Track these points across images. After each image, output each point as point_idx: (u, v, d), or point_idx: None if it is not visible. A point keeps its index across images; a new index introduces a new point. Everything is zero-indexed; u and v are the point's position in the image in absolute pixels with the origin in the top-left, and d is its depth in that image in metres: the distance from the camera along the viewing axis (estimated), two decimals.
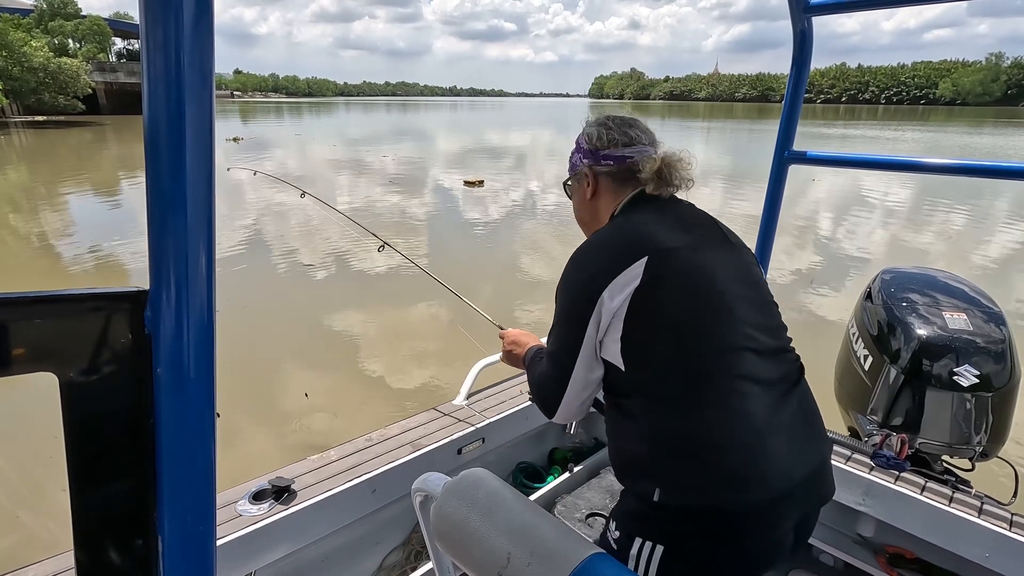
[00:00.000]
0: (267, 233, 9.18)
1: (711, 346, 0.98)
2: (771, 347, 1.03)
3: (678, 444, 0.95)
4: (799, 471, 0.96)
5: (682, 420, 0.96)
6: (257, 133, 31.86)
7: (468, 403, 2.12)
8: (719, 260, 1.05)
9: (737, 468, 0.93)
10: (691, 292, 0.99)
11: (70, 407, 0.39)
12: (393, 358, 4.93)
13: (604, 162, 1.17)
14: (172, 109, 0.37)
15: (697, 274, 1.01)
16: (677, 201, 1.16)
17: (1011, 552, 1.49)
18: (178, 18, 0.36)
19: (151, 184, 0.38)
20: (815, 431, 1.04)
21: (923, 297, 2.11)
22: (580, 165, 1.21)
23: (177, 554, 0.44)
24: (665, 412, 0.97)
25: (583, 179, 1.21)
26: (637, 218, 1.10)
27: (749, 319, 1.02)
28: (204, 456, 0.44)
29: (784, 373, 1.03)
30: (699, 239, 1.07)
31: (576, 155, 1.23)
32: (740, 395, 0.95)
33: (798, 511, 0.99)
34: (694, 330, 0.98)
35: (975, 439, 1.86)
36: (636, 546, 0.98)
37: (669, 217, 1.10)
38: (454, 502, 0.93)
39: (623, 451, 1.05)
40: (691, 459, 0.94)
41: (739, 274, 1.07)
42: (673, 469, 0.95)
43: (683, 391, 0.96)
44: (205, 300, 0.41)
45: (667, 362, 0.97)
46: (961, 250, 8.55)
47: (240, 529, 1.45)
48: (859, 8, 1.58)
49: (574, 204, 1.28)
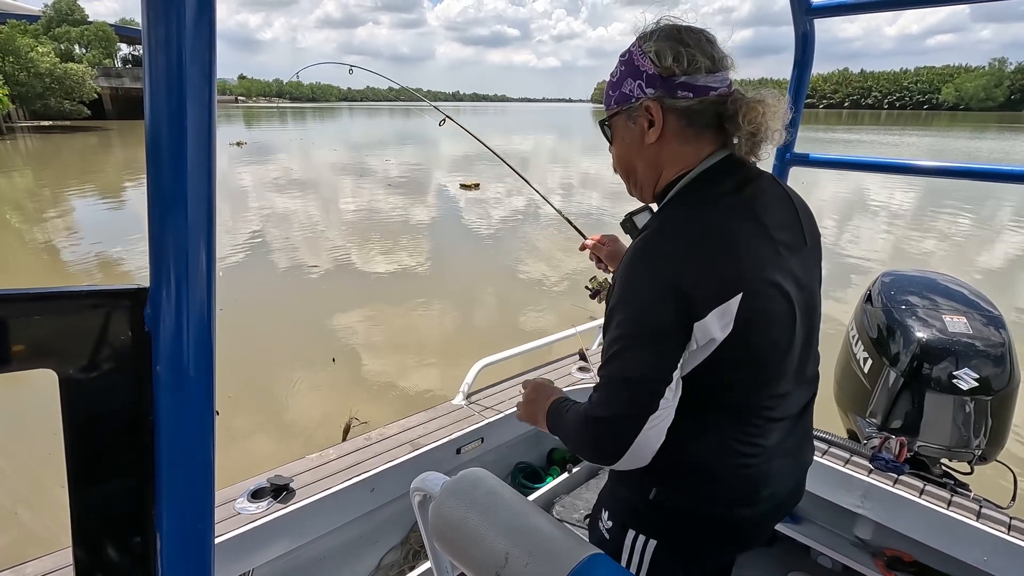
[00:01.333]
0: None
1: (766, 388, 0.87)
2: (807, 376, 0.95)
3: (690, 461, 0.90)
4: (790, 483, 0.98)
5: (700, 444, 0.88)
6: (260, 138, 31.91)
7: (467, 403, 2.12)
8: (798, 283, 0.87)
9: (739, 487, 0.90)
10: (763, 335, 0.84)
11: (69, 404, 0.39)
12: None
13: (681, 93, 0.86)
14: (173, 108, 0.37)
15: (778, 313, 0.84)
16: (759, 176, 0.91)
17: (1009, 555, 1.49)
18: (180, 17, 0.36)
19: (152, 182, 0.38)
20: (807, 440, 1.03)
21: (923, 300, 2.11)
22: (638, 95, 0.89)
23: (175, 551, 0.44)
24: (686, 432, 0.86)
25: (639, 115, 0.89)
26: (723, 212, 0.85)
27: (800, 352, 0.91)
28: (203, 454, 0.44)
29: (807, 398, 0.98)
30: (786, 251, 0.87)
31: (628, 81, 0.90)
32: (769, 433, 0.89)
33: (782, 513, 1.02)
34: (755, 372, 0.86)
35: (974, 442, 1.86)
36: (629, 538, 0.97)
37: (757, 211, 0.86)
38: (453, 502, 0.93)
39: None
40: (698, 475, 0.91)
41: (805, 293, 0.90)
42: (677, 478, 0.92)
43: (714, 422, 0.88)
44: (205, 298, 0.41)
45: (713, 396, 0.86)
46: (963, 254, 8.55)
47: (239, 527, 1.45)
48: (861, 11, 1.58)
49: (618, 151, 0.98)
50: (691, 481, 0.91)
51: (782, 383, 0.89)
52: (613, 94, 0.94)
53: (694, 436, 0.87)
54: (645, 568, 0.96)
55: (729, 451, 0.88)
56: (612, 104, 0.94)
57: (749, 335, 0.81)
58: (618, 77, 0.92)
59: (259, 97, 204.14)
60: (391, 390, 4.40)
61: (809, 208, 0.98)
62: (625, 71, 0.91)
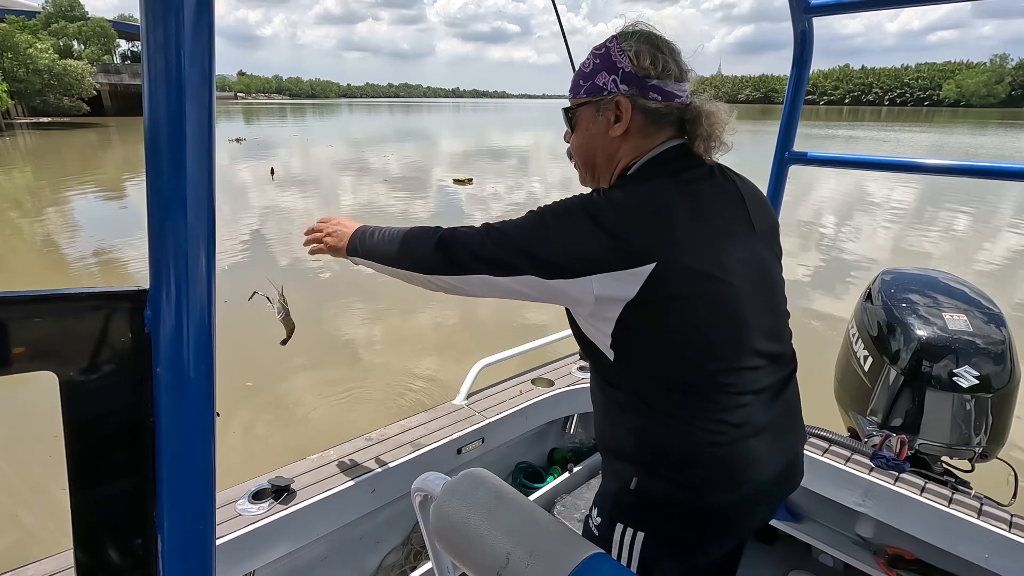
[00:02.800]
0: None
1: (715, 362, 0.89)
2: (774, 353, 0.96)
3: (662, 444, 0.92)
4: (774, 468, 0.96)
5: (670, 426, 0.91)
6: (260, 134, 31.91)
7: (468, 403, 2.12)
8: (737, 259, 0.91)
9: (713, 470, 0.91)
10: (704, 303, 0.87)
11: (70, 406, 0.39)
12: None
13: (652, 95, 0.92)
14: (172, 108, 0.37)
15: (711, 282, 0.87)
16: (705, 165, 0.96)
17: (1010, 553, 1.49)
18: (179, 17, 0.36)
19: (151, 183, 0.38)
20: (794, 424, 1.03)
21: (923, 298, 2.11)
22: (611, 89, 0.93)
23: (176, 553, 0.44)
24: (654, 415, 0.91)
25: (608, 109, 0.94)
26: (662, 191, 0.90)
27: (760, 329, 0.93)
28: (204, 455, 0.44)
29: (780, 376, 0.98)
30: (724, 235, 0.92)
31: (603, 75, 0.94)
32: (735, 409, 0.91)
33: (769, 503, 1.01)
34: (700, 345, 0.88)
35: (975, 440, 1.86)
36: (618, 532, 0.97)
37: (697, 194, 0.92)
38: (454, 502, 0.93)
39: (606, 429, 1.01)
40: (672, 459, 0.92)
41: (755, 274, 0.94)
42: (653, 464, 0.93)
43: (677, 401, 0.90)
44: (205, 299, 0.41)
45: (664, 371, 0.90)
46: (963, 252, 8.55)
47: (239, 528, 1.45)
48: (859, 9, 1.58)
49: (579, 139, 1.02)
50: (667, 467, 0.92)
51: (738, 357, 0.90)
52: (584, 84, 0.97)
53: (663, 420, 0.91)
54: (635, 562, 0.96)
55: (697, 432, 0.89)
56: (581, 93, 0.98)
57: (664, 305, 0.86)
58: (591, 69, 0.96)
59: (258, 93, 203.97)
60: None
61: (762, 196, 1.05)
62: (600, 64, 0.95)
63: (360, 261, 1.15)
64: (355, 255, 1.15)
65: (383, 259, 1.08)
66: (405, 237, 1.04)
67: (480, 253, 0.92)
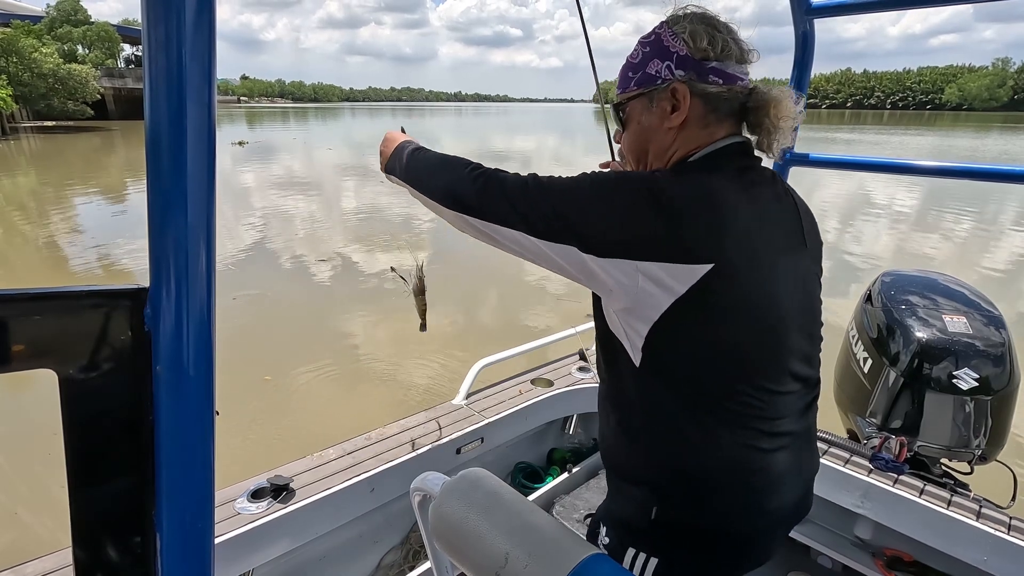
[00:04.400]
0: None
1: (753, 381, 0.82)
2: (806, 377, 0.91)
3: (685, 468, 0.85)
4: (796, 493, 0.93)
5: (696, 448, 0.84)
6: (262, 138, 31.95)
7: (467, 403, 2.12)
8: (787, 277, 0.85)
9: (741, 499, 0.86)
10: (747, 320, 0.80)
11: (69, 404, 0.39)
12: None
13: (712, 78, 0.83)
14: (173, 107, 0.37)
15: (762, 298, 0.81)
16: (765, 169, 0.90)
17: (1009, 556, 1.49)
18: (180, 17, 0.36)
19: (152, 182, 0.39)
20: (812, 448, 0.99)
21: (923, 300, 2.11)
22: (665, 76, 0.84)
23: (175, 551, 0.44)
24: (677, 434, 0.84)
25: (663, 98, 0.86)
26: (728, 188, 0.80)
27: (797, 353, 0.87)
28: (203, 454, 0.44)
29: (807, 400, 0.93)
30: (782, 243, 0.85)
31: (655, 62, 0.86)
32: (766, 433, 0.85)
33: (787, 528, 0.98)
34: (740, 362, 0.81)
35: (974, 442, 1.86)
36: (629, 556, 0.93)
37: (761, 201, 0.84)
38: (453, 502, 0.93)
39: (618, 446, 0.93)
40: (697, 485, 0.86)
41: (801, 295, 0.89)
42: (675, 489, 0.87)
43: (704, 420, 0.83)
44: (205, 298, 0.41)
45: (696, 385, 0.82)
46: (965, 255, 8.55)
47: (238, 527, 1.45)
48: (860, 11, 1.58)
49: (631, 136, 0.93)
50: (691, 493, 0.86)
51: (776, 379, 0.85)
52: (634, 76, 0.88)
53: (688, 440, 0.84)
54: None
55: (725, 455, 0.84)
56: (632, 86, 0.89)
57: (712, 313, 0.78)
58: (640, 59, 0.88)
59: (261, 97, 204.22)
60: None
61: (811, 212, 0.96)
62: (650, 52, 0.86)
63: (396, 180, 1.04)
64: (392, 173, 1.04)
65: (417, 184, 0.97)
66: (445, 165, 0.93)
67: (519, 207, 0.82)
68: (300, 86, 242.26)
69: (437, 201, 0.92)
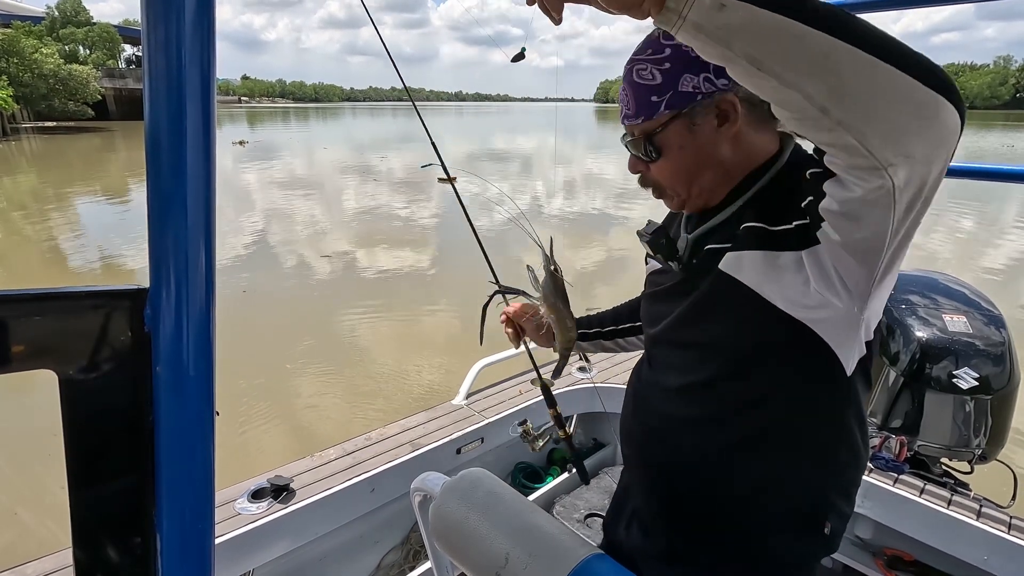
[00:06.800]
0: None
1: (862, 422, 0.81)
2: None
3: (794, 495, 0.80)
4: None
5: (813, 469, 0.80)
6: (262, 137, 31.98)
7: (467, 403, 2.12)
8: None
9: (838, 521, 0.84)
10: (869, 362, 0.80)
11: (69, 404, 0.39)
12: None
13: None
14: (173, 107, 0.37)
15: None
16: None
17: (1009, 555, 1.49)
18: (179, 16, 0.36)
19: (152, 182, 0.38)
20: None
21: (923, 299, 2.11)
22: (707, 89, 0.75)
23: (175, 552, 0.44)
24: (799, 457, 0.79)
25: (707, 113, 0.76)
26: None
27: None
28: (203, 454, 0.44)
29: None
30: None
31: (688, 78, 0.75)
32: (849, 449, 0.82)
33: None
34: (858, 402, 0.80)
35: (974, 442, 1.86)
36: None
37: None
38: (453, 502, 0.93)
39: (709, 483, 0.82)
40: (805, 512, 0.81)
41: None
42: (781, 523, 0.81)
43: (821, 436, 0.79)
44: (205, 298, 0.41)
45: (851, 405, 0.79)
46: (967, 254, 8.55)
47: (239, 528, 1.45)
48: (862, 12, 1.58)
49: (677, 162, 0.80)
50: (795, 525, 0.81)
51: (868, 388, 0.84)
52: (661, 98, 0.77)
53: (806, 461, 0.80)
54: None
55: (827, 473, 0.81)
56: (663, 110, 0.77)
57: (871, 353, 0.76)
58: (664, 78, 0.76)
59: (262, 97, 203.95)
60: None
61: None
62: (675, 68, 0.75)
63: (713, 5, 0.52)
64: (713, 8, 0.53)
65: (800, 19, 0.51)
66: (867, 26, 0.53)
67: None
68: (301, 86, 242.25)
69: (899, 67, 0.50)
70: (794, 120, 0.57)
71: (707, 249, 0.81)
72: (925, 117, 0.51)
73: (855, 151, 0.54)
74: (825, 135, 0.56)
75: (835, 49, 0.50)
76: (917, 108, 0.51)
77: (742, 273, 0.73)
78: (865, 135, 0.52)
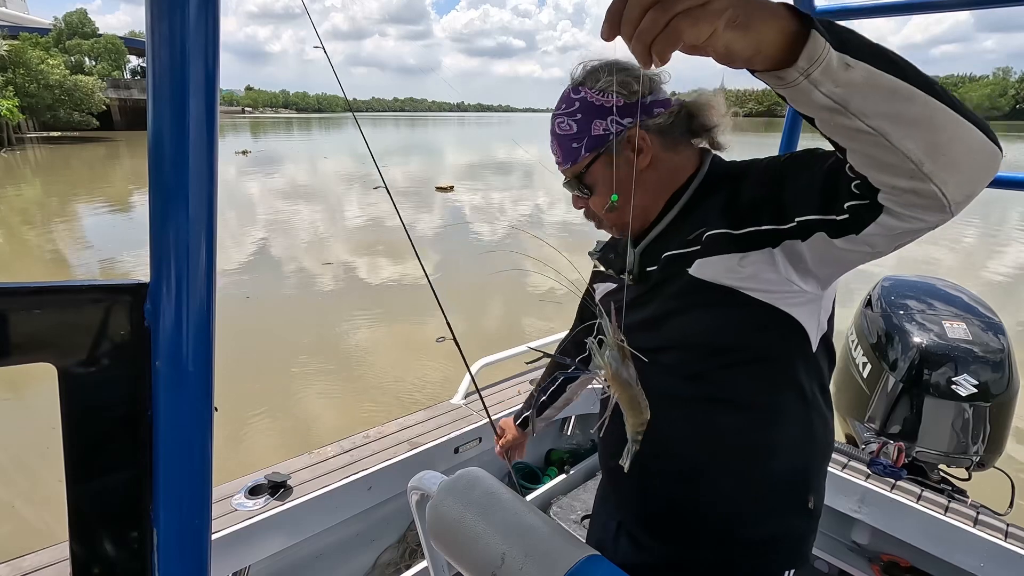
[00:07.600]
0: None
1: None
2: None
3: (805, 464, 0.95)
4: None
5: (815, 432, 0.93)
6: (265, 147, 32.02)
7: (465, 402, 2.12)
8: None
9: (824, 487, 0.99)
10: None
11: (68, 398, 0.40)
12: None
13: (656, 111, 0.87)
14: (176, 103, 0.37)
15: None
16: None
17: (1006, 562, 1.49)
18: (183, 14, 0.36)
19: (153, 177, 0.39)
20: None
21: (923, 305, 2.11)
22: (617, 130, 0.86)
23: (172, 547, 0.44)
24: (811, 418, 0.91)
25: (624, 148, 0.87)
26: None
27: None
28: (201, 450, 0.44)
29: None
30: None
31: (599, 123, 0.87)
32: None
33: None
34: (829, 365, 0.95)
35: (972, 448, 1.86)
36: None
37: None
38: (450, 501, 0.93)
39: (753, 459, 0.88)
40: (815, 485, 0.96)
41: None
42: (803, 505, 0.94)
43: (818, 402, 0.93)
44: (205, 294, 0.41)
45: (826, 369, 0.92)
46: (968, 261, 8.53)
47: (235, 524, 1.45)
48: (863, 16, 1.58)
49: (606, 195, 0.90)
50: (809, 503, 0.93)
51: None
52: (580, 144, 0.89)
53: (811, 426, 0.92)
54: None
55: (816, 439, 0.93)
56: (584, 153, 0.89)
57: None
58: (579, 127, 0.88)
59: (265, 108, 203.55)
60: None
61: None
62: (585, 117, 0.87)
63: (840, 66, 0.52)
64: (842, 50, 0.52)
65: (908, 82, 0.53)
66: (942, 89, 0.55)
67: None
68: (304, 97, 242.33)
69: (973, 124, 0.55)
70: (873, 166, 0.59)
71: (665, 256, 0.88)
72: (992, 167, 0.57)
73: (931, 195, 0.57)
74: (905, 182, 0.57)
75: (937, 110, 0.53)
76: (988, 159, 0.56)
77: (716, 275, 0.81)
78: (947, 184, 0.56)
